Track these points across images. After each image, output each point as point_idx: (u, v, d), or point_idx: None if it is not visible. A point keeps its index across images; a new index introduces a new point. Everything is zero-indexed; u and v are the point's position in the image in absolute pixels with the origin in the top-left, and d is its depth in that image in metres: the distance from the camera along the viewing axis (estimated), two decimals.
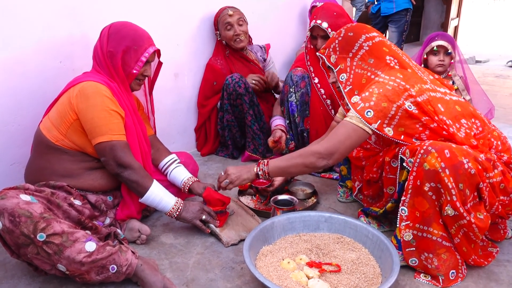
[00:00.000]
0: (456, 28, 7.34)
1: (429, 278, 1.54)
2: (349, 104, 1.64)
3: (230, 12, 2.66)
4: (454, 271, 1.53)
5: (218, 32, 2.76)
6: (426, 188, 1.45)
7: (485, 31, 11.22)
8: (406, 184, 1.51)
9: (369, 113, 1.55)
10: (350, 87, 1.67)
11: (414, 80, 1.60)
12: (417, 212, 1.50)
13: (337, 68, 1.71)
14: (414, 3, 5.45)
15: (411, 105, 1.55)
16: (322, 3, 2.46)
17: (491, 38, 10.50)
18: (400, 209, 1.53)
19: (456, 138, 1.54)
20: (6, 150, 1.94)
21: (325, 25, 2.26)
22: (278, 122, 2.56)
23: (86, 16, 2.10)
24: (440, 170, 1.40)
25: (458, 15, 7.30)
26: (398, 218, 1.55)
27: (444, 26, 6.99)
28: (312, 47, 2.45)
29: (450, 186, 1.41)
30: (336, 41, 1.73)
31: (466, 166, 1.41)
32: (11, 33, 1.85)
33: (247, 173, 1.74)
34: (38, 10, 1.91)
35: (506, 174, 1.56)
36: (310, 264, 1.52)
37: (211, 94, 2.79)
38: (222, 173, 1.81)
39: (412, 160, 1.50)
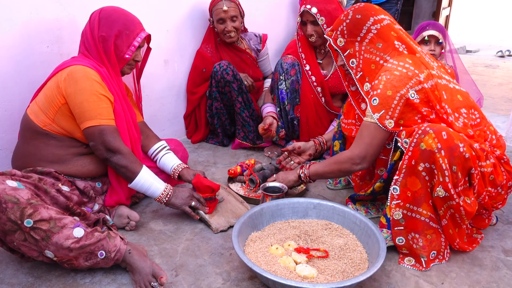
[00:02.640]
0: (447, 17, 7.33)
1: (413, 262, 1.57)
2: (362, 92, 1.67)
3: (225, 8, 2.58)
4: (435, 251, 1.57)
5: (211, 19, 2.71)
6: (420, 168, 1.47)
7: (476, 21, 11.25)
8: (400, 163, 1.53)
9: (374, 101, 1.57)
10: (361, 73, 1.69)
11: (423, 65, 1.61)
12: (409, 192, 1.52)
13: (346, 53, 1.72)
14: None
15: (415, 93, 1.55)
16: None
17: (482, 28, 10.54)
18: (391, 188, 1.55)
19: (454, 127, 1.55)
20: None
21: (314, 10, 2.24)
22: (269, 109, 2.55)
23: (73, 0, 2.06)
24: (436, 151, 1.43)
25: (450, 4, 7.29)
26: (389, 197, 1.56)
27: (436, 15, 6.98)
28: (303, 33, 2.44)
29: (444, 167, 1.43)
30: (344, 24, 1.71)
31: (461, 149, 1.44)
32: None
33: (292, 175, 1.93)
34: None
35: (497, 167, 1.59)
36: (298, 250, 1.54)
37: (201, 81, 2.76)
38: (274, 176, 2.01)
39: (408, 140, 1.52)
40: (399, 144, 1.57)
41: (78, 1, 2.07)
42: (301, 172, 1.88)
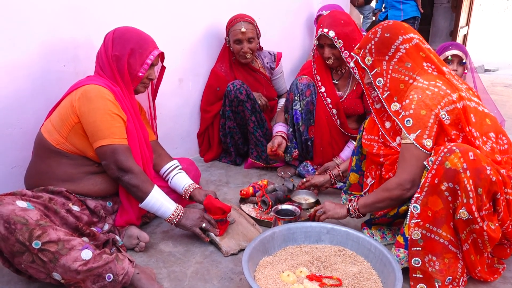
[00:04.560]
0: (465, 36, 7.27)
1: None
2: (390, 112, 1.64)
3: (243, 30, 2.59)
4: (450, 277, 1.50)
5: (228, 38, 2.72)
6: (443, 188, 1.42)
7: (495, 40, 11.13)
8: (423, 181, 1.47)
9: (408, 122, 1.54)
10: (388, 92, 1.65)
11: (453, 87, 1.58)
12: (429, 212, 1.46)
13: (373, 72, 1.69)
14: (422, 11, 5.42)
15: (446, 114, 1.52)
16: (329, 11, 2.43)
17: (500, 47, 10.41)
18: (412, 206, 1.49)
19: (482, 151, 1.50)
20: (7, 153, 1.93)
21: (332, 34, 2.22)
22: (279, 128, 2.53)
23: (90, 20, 2.09)
24: (461, 171, 1.37)
25: (468, 23, 7.24)
26: (409, 215, 1.50)
27: (453, 34, 6.94)
28: (319, 55, 2.42)
29: (469, 189, 1.37)
30: (372, 42, 1.68)
31: (488, 172, 1.38)
32: (16, 36, 1.84)
33: (341, 209, 1.82)
34: (42, 13, 1.91)
35: None
36: (311, 277, 1.49)
37: (214, 100, 2.76)
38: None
39: (433, 158, 1.47)
40: (424, 162, 1.52)
41: (94, 21, 2.10)
42: (349, 205, 1.77)
